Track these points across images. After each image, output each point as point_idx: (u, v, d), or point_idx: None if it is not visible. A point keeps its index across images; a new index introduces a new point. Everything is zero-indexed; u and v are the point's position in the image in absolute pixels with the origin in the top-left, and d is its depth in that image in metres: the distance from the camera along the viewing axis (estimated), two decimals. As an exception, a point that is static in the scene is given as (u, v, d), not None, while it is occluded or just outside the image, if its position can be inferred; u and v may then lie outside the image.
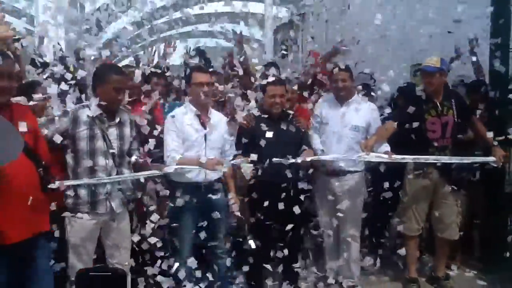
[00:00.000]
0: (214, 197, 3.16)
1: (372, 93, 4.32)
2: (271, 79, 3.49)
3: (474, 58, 4.15)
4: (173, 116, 3.18)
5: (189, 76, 3.24)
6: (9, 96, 2.33)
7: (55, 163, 2.64)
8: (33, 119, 2.50)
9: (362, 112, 3.59)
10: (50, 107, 2.93)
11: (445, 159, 3.33)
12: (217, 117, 3.30)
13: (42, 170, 2.38)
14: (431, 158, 3.31)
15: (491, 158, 3.33)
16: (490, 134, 3.39)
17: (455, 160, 3.34)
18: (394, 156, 3.24)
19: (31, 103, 2.72)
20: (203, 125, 3.20)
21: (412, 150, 3.32)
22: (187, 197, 3.08)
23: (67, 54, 4.20)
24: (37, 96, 2.82)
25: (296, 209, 3.32)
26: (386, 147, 3.38)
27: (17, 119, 2.33)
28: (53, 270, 2.61)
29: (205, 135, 3.17)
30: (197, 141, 3.15)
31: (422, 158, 3.30)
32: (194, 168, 2.99)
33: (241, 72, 3.98)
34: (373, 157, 3.22)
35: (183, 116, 3.18)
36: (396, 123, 3.46)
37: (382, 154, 3.26)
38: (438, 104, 3.47)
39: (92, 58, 3.87)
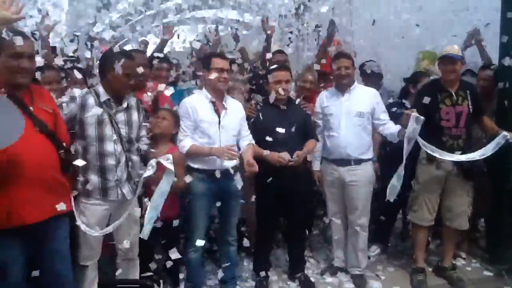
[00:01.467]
0: (229, 184, 3.17)
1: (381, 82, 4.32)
2: (275, 65, 3.47)
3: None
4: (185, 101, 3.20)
5: (208, 61, 3.19)
6: (30, 77, 2.29)
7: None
8: (52, 101, 2.46)
9: (364, 98, 3.60)
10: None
11: (466, 157, 3.30)
12: (232, 104, 3.26)
13: (63, 153, 2.34)
14: (455, 157, 3.32)
15: (503, 135, 3.28)
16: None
17: (474, 155, 3.29)
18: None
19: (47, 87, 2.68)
20: (217, 112, 3.16)
21: (426, 138, 3.31)
22: (203, 183, 3.09)
23: (71, 36, 4.16)
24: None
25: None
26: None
27: (36, 101, 2.30)
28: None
29: (219, 122, 3.14)
30: (211, 128, 3.12)
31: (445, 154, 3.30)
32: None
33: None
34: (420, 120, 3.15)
35: (198, 102, 3.15)
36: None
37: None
38: (453, 94, 3.44)
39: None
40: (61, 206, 2.30)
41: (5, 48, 2.15)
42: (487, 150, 3.30)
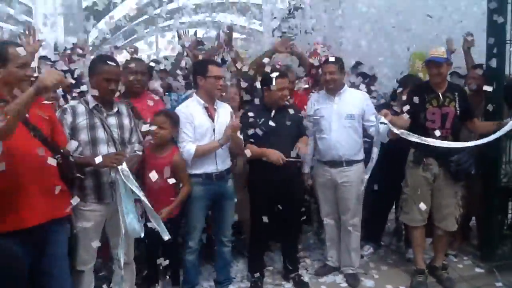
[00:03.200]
0: (224, 186, 3.30)
1: (372, 87, 4.38)
2: (275, 73, 3.47)
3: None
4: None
5: (204, 68, 3.25)
6: (31, 84, 2.37)
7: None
8: (48, 108, 2.55)
9: (354, 101, 3.67)
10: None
11: (474, 143, 3.32)
12: (223, 108, 3.33)
13: (61, 158, 2.40)
14: (438, 142, 3.31)
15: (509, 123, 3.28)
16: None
17: (472, 143, 3.31)
18: (403, 131, 3.27)
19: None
20: (211, 116, 3.24)
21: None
22: (199, 186, 3.18)
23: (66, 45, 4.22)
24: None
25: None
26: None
27: (33, 108, 2.36)
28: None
29: (213, 126, 3.22)
30: (206, 132, 3.21)
31: (430, 141, 3.30)
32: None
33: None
34: (388, 124, 3.21)
35: (192, 109, 3.23)
36: (408, 116, 3.45)
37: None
38: (440, 95, 3.48)
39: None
40: (58, 211, 2.39)
41: (11, 59, 2.27)
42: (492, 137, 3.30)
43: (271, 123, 3.37)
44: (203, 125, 3.21)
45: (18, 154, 2.19)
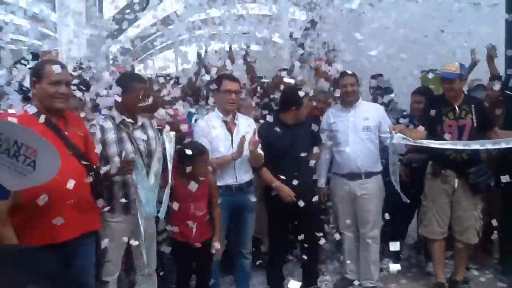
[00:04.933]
0: (244, 198, 3.33)
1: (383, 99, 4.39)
2: (303, 92, 3.51)
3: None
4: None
5: (219, 82, 3.33)
6: (67, 102, 2.48)
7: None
8: (83, 124, 2.65)
9: (370, 113, 3.71)
10: None
11: (479, 143, 3.31)
12: (244, 122, 3.39)
13: (93, 175, 2.48)
14: (459, 144, 3.32)
15: None
16: None
17: (490, 145, 3.32)
18: (420, 140, 3.29)
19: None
20: (230, 130, 3.30)
21: (429, 151, 3.39)
22: (220, 198, 3.22)
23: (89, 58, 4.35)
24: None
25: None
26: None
27: (70, 125, 2.47)
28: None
29: (231, 140, 3.28)
30: (224, 146, 3.27)
31: (449, 143, 3.32)
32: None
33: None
34: (400, 138, 3.22)
35: (211, 122, 3.31)
36: (424, 128, 3.46)
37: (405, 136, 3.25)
38: (457, 107, 3.49)
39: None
40: (89, 225, 2.49)
41: (45, 76, 2.36)
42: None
43: (286, 140, 3.42)
44: (221, 138, 3.28)
45: (58, 173, 2.26)
